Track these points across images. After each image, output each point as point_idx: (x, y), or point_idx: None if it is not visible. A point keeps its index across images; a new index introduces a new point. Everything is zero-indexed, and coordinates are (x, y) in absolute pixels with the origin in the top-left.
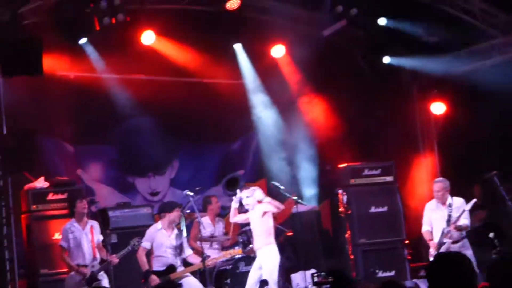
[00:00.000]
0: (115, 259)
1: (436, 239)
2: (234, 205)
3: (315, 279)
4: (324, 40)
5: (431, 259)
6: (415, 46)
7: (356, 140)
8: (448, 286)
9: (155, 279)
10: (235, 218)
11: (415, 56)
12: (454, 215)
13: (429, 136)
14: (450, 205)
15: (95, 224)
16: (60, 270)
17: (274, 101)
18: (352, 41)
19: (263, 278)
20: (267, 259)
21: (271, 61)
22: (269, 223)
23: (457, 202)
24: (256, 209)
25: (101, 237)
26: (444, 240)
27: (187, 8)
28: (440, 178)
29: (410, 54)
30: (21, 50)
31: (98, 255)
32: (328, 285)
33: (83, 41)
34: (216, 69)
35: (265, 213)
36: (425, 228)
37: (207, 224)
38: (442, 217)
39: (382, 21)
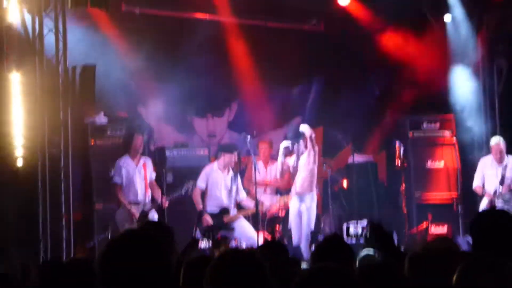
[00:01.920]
0: (165, 202)
1: (490, 192)
2: (280, 158)
3: (351, 230)
4: None
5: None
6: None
7: (417, 89)
8: (491, 242)
9: (207, 220)
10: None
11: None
12: (508, 175)
13: (491, 91)
14: (506, 165)
15: (148, 161)
16: (115, 204)
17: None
18: None
19: (306, 223)
20: (313, 205)
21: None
22: (315, 169)
23: None
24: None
25: (154, 174)
26: (496, 202)
27: None
28: (498, 137)
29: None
30: None
31: (149, 193)
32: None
33: None
34: (281, 12)
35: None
36: (476, 183)
37: (260, 168)
38: (495, 175)
39: None
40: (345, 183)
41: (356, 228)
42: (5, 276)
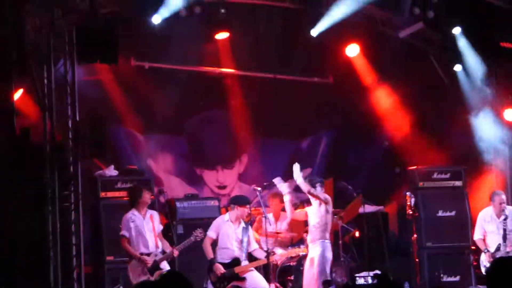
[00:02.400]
0: (176, 251)
1: (491, 249)
2: (286, 198)
3: (358, 280)
4: (399, 41)
5: (482, 268)
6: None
7: (427, 143)
8: None
9: (220, 268)
10: (294, 214)
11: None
12: (510, 227)
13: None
14: (505, 218)
15: (155, 214)
16: (126, 258)
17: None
18: (427, 43)
19: (317, 271)
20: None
21: (345, 60)
22: (327, 218)
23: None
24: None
25: (161, 227)
26: (498, 256)
27: (261, 4)
28: (501, 191)
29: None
30: (98, 38)
31: (160, 244)
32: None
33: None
34: (289, 65)
35: (320, 204)
36: (477, 236)
37: (271, 221)
38: (496, 228)
39: (456, 30)
40: (356, 234)
41: (365, 279)
42: None
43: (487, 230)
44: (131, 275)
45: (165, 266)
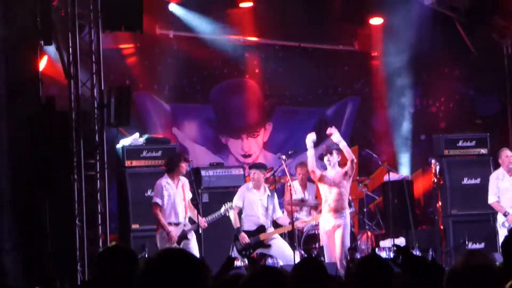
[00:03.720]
0: (204, 223)
1: (508, 209)
2: (310, 152)
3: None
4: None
5: (502, 230)
6: None
7: (452, 110)
8: None
9: (244, 237)
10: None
11: None
12: None
13: None
14: None
15: (186, 182)
16: (152, 226)
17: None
18: (453, 10)
19: (339, 242)
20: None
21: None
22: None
23: None
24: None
25: (190, 195)
26: None
27: None
28: (505, 148)
29: None
30: (122, 5)
31: (188, 213)
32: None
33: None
34: (315, 33)
35: (345, 173)
36: (492, 199)
37: (297, 189)
38: (510, 184)
39: None
40: (381, 202)
41: (387, 252)
42: None
43: (500, 187)
44: (158, 242)
45: (192, 235)
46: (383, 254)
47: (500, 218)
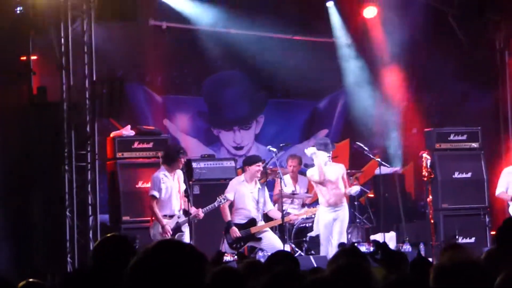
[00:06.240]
0: (201, 213)
1: None
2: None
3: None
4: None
5: None
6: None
7: (444, 104)
8: None
9: (235, 231)
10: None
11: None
12: None
13: None
14: None
15: (181, 174)
16: (143, 218)
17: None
18: (446, 3)
19: (338, 233)
20: (346, 217)
21: (363, 22)
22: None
23: None
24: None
25: (184, 186)
26: None
27: None
28: None
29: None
30: None
31: (182, 205)
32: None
33: None
34: (308, 26)
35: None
36: (500, 190)
37: (287, 182)
38: None
39: None
40: (372, 195)
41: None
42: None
43: (510, 181)
44: (152, 232)
45: (186, 227)
46: (363, 249)
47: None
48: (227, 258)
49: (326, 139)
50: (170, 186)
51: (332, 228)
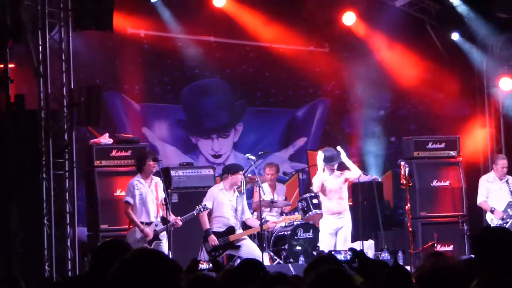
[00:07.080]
0: (179, 221)
1: (499, 209)
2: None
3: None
4: (396, 10)
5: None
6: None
7: (422, 113)
8: (494, 260)
9: (214, 239)
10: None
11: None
12: None
13: (496, 113)
14: (507, 180)
15: (159, 181)
16: (121, 227)
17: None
18: (424, 12)
19: (342, 241)
20: (349, 224)
21: (341, 29)
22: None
23: None
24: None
25: (163, 194)
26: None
27: None
28: (503, 155)
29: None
30: (93, 4)
31: (160, 213)
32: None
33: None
34: (286, 34)
35: (346, 179)
36: (481, 199)
37: (266, 190)
38: (500, 189)
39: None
40: (351, 203)
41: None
42: None
43: (490, 190)
44: (129, 240)
45: (163, 236)
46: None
47: (488, 216)
48: (203, 266)
49: (332, 151)
50: (145, 193)
51: (336, 236)
